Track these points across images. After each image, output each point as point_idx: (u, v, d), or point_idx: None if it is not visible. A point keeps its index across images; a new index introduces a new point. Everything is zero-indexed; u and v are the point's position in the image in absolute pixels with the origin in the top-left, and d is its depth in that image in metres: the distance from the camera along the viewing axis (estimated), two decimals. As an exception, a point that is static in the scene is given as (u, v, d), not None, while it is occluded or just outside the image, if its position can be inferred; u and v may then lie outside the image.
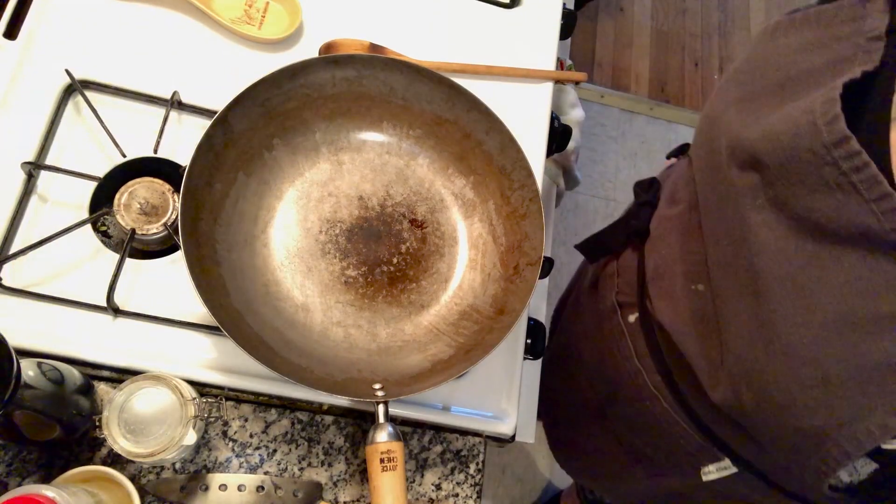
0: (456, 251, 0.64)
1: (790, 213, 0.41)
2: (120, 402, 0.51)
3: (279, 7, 0.74)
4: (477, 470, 0.64)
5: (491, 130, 0.61)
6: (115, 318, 0.60)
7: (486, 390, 0.66)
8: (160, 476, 0.58)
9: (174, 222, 0.62)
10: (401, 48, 0.75)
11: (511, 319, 0.55)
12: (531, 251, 0.59)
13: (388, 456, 0.50)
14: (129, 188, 0.61)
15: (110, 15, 0.70)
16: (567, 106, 1.00)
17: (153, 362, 0.59)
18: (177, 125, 0.68)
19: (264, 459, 0.60)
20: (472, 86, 0.60)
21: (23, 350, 0.57)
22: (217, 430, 0.60)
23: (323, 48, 0.73)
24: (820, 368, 0.40)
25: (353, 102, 0.62)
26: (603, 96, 2.01)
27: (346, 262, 0.61)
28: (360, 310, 0.60)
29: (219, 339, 0.61)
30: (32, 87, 0.65)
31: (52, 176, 0.63)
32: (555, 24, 0.81)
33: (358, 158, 0.64)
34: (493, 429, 0.65)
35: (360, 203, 0.63)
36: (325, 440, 0.62)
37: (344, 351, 0.58)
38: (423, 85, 0.61)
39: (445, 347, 0.59)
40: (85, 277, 0.60)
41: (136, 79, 0.67)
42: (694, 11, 2.20)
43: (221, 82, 0.69)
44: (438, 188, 0.65)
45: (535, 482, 1.56)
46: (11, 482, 0.55)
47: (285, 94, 0.59)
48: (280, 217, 0.61)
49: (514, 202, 0.62)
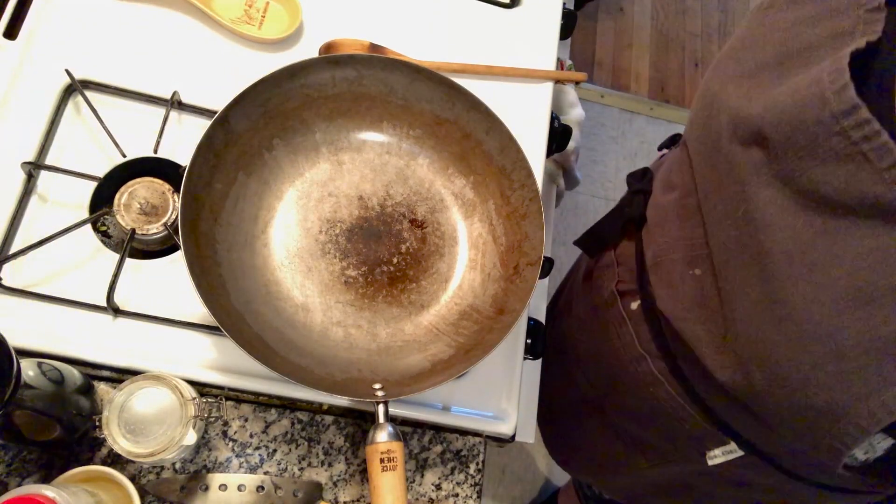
0: (456, 251, 0.64)
1: (797, 187, 0.41)
2: (120, 402, 0.51)
3: (279, 7, 0.74)
4: (477, 470, 0.64)
5: (491, 130, 0.61)
6: (115, 318, 0.60)
7: (486, 390, 0.66)
8: (160, 476, 0.58)
9: (174, 222, 0.62)
10: (401, 48, 0.75)
11: (511, 319, 0.55)
12: (531, 251, 0.59)
13: (388, 456, 0.50)
14: (129, 188, 0.61)
15: (110, 15, 0.70)
16: (567, 106, 1.00)
17: (153, 362, 0.59)
18: (177, 125, 0.68)
19: (264, 459, 0.60)
20: (472, 86, 0.60)
21: (23, 350, 0.57)
22: (217, 430, 0.60)
23: (323, 48, 0.73)
24: (834, 344, 0.39)
25: (353, 102, 0.62)
26: (603, 96, 2.01)
27: (346, 262, 0.61)
28: (360, 310, 0.60)
29: (219, 339, 0.61)
30: (32, 87, 0.65)
31: (52, 176, 0.63)
32: (555, 24, 0.81)
33: (358, 158, 0.64)
34: (493, 429, 0.65)
35: (360, 203, 0.63)
36: (325, 440, 0.62)
37: (344, 351, 0.58)
38: (423, 85, 0.61)
39: (445, 347, 0.59)
40: (85, 277, 0.60)
41: (136, 79, 0.67)
42: (694, 11, 2.20)
43: (221, 82, 0.69)
44: (438, 188, 0.65)
45: (535, 482, 1.56)
46: (11, 482, 0.55)
47: (285, 94, 0.59)
48: (280, 217, 0.61)
49: (514, 202, 0.62)
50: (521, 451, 1.58)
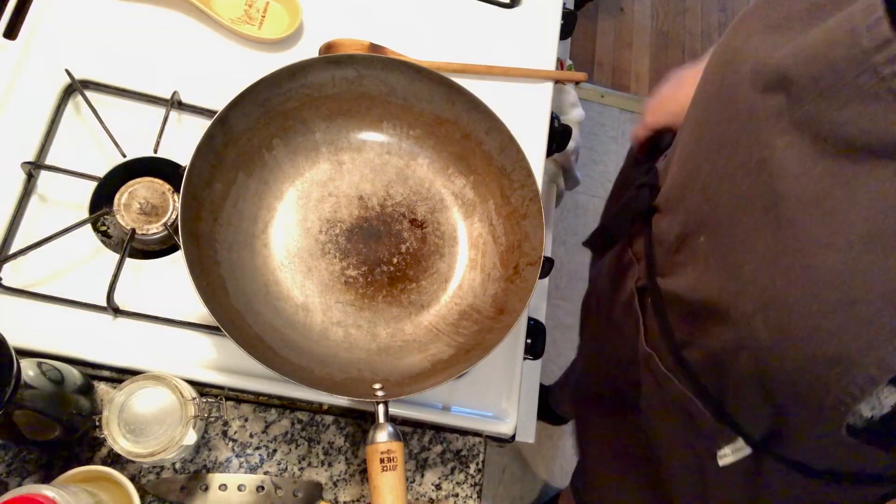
0: (456, 251, 0.64)
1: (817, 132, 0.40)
2: (120, 402, 0.51)
3: (279, 7, 0.74)
4: (477, 470, 0.64)
5: (491, 130, 0.61)
6: (115, 318, 0.60)
7: (486, 390, 0.66)
8: (160, 476, 0.58)
9: (174, 222, 0.62)
10: (401, 48, 0.75)
11: (511, 319, 0.55)
12: (531, 251, 0.59)
13: (388, 456, 0.50)
14: (129, 188, 0.61)
15: (110, 15, 0.70)
16: (567, 106, 1.00)
17: (153, 362, 0.59)
18: (177, 125, 0.68)
19: (264, 459, 0.60)
20: (472, 86, 0.60)
21: (23, 350, 0.57)
22: (217, 430, 0.60)
23: (323, 48, 0.73)
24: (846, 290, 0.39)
25: (353, 102, 0.62)
26: (603, 96, 2.01)
27: (346, 262, 0.61)
28: (360, 310, 0.60)
29: (219, 339, 0.61)
30: (32, 87, 0.65)
31: (52, 176, 0.63)
32: (555, 24, 0.81)
33: (358, 158, 0.64)
34: (493, 429, 0.65)
35: (360, 203, 0.63)
36: (325, 440, 0.62)
37: (344, 351, 0.58)
38: (423, 85, 0.61)
39: (445, 347, 0.59)
40: (85, 277, 0.60)
41: (136, 79, 0.67)
42: (694, 11, 2.20)
43: (221, 82, 0.69)
44: (438, 188, 0.65)
45: (535, 482, 1.56)
46: (11, 482, 0.55)
47: (285, 94, 0.59)
48: (280, 217, 0.61)
49: (514, 202, 0.62)
50: (522, 452, 1.58)
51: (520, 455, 1.57)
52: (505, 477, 1.55)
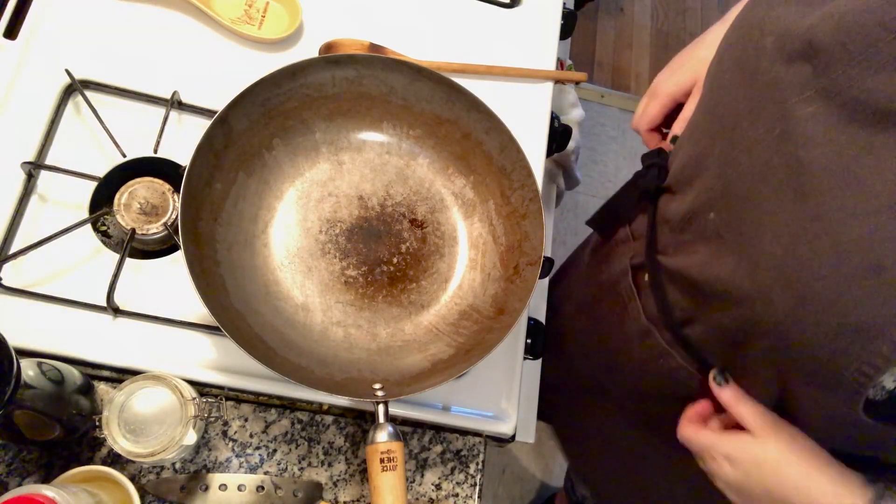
0: (456, 251, 0.64)
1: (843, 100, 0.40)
2: (120, 402, 0.51)
3: (279, 7, 0.74)
4: (477, 470, 0.64)
5: (491, 130, 0.61)
6: (115, 318, 0.60)
7: (486, 390, 0.66)
8: (160, 476, 0.58)
9: (174, 222, 0.62)
10: (401, 48, 0.75)
11: (511, 319, 0.55)
12: (531, 251, 0.59)
13: (388, 456, 0.50)
14: (129, 188, 0.61)
15: (110, 15, 0.70)
16: (567, 106, 1.00)
17: (153, 362, 0.59)
18: (177, 125, 0.68)
19: (264, 459, 0.60)
20: (472, 86, 0.60)
21: (23, 350, 0.57)
22: (217, 430, 0.60)
23: (323, 48, 0.73)
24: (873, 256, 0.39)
25: (353, 102, 0.62)
26: (603, 96, 2.01)
27: (346, 262, 0.61)
28: (360, 310, 0.60)
29: (219, 339, 0.61)
30: (32, 87, 0.65)
31: (52, 176, 0.63)
32: (555, 24, 0.81)
33: (358, 158, 0.64)
34: (493, 429, 0.65)
35: (360, 203, 0.63)
36: (325, 440, 0.62)
37: (344, 351, 0.58)
38: (423, 85, 0.61)
39: (445, 347, 0.59)
40: (85, 277, 0.61)
41: (136, 79, 0.67)
42: (694, 11, 2.20)
43: (221, 82, 0.69)
44: (438, 188, 0.65)
45: (535, 482, 1.56)
46: (11, 482, 0.55)
47: (285, 94, 0.59)
48: (280, 217, 0.61)
49: (514, 202, 0.62)
50: (521, 452, 1.58)
51: (520, 455, 1.57)
52: (505, 477, 1.55)
